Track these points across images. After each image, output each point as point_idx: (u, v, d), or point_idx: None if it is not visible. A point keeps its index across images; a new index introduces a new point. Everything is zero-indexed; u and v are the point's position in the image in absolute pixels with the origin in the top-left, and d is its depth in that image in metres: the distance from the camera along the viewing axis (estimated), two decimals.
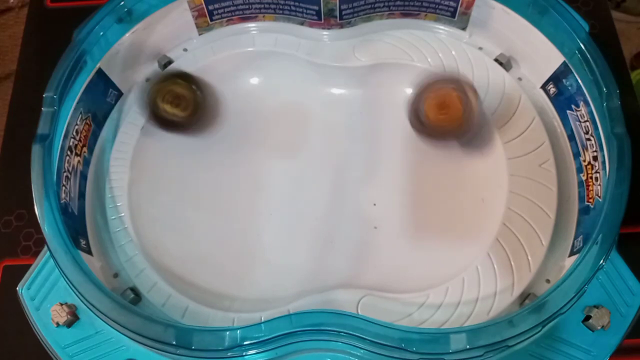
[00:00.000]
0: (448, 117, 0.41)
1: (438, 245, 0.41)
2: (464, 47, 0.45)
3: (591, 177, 0.38)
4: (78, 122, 0.41)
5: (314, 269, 0.41)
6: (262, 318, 0.36)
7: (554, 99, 0.43)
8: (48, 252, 0.35)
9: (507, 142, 0.42)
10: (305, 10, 0.46)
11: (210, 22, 0.48)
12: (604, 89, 0.37)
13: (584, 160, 0.39)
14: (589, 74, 0.38)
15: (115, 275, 0.39)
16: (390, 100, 0.47)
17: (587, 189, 0.39)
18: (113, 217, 0.41)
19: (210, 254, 0.41)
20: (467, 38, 0.47)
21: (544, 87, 0.44)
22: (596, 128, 0.38)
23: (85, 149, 0.42)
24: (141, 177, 0.43)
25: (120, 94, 0.46)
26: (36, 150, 0.36)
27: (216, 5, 0.46)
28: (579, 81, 0.39)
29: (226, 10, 0.47)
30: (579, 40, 0.39)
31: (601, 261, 0.32)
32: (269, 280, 0.41)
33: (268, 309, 0.37)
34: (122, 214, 0.41)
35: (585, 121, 0.39)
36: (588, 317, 0.35)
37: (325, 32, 0.47)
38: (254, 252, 0.42)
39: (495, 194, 0.41)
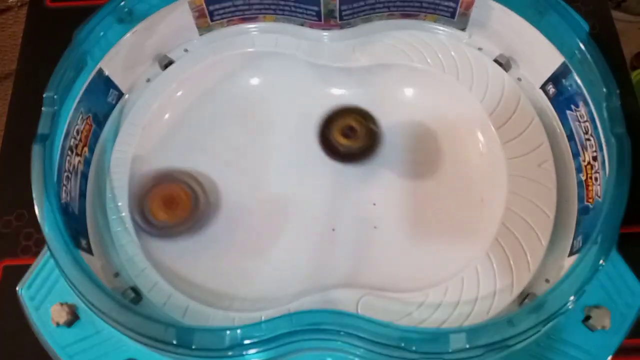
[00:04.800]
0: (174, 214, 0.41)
1: (437, 245, 0.41)
2: (463, 48, 0.46)
3: (591, 177, 0.38)
4: (79, 122, 0.41)
5: (314, 268, 0.41)
6: (263, 317, 0.36)
7: (553, 99, 0.43)
8: (48, 252, 0.35)
9: (506, 142, 0.42)
10: (305, 11, 0.46)
11: (210, 23, 0.48)
12: (604, 89, 0.37)
13: (584, 161, 0.40)
14: (589, 74, 0.38)
15: (116, 275, 0.39)
16: (389, 100, 0.47)
17: (587, 189, 0.39)
18: (114, 217, 0.41)
19: (210, 254, 0.42)
20: (467, 38, 0.47)
21: (543, 87, 0.44)
22: (596, 128, 0.38)
23: (86, 148, 0.42)
24: (142, 177, 0.43)
25: (121, 94, 0.46)
26: (36, 150, 0.36)
27: (217, 6, 0.46)
28: (579, 81, 0.39)
29: (227, 10, 0.47)
30: (578, 40, 0.39)
31: (601, 261, 0.32)
32: (269, 280, 0.41)
33: (268, 308, 0.37)
34: (123, 214, 0.41)
35: (584, 121, 0.39)
36: (588, 317, 0.35)
37: (325, 33, 0.47)
38: (254, 252, 0.42)
39: (494, 194, 0.41)
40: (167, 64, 0.47)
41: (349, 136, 0.44)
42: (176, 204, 0.41)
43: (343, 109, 0.45)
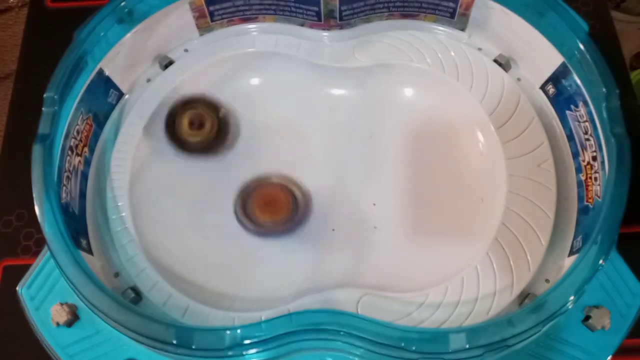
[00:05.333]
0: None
1: (437, 245, 0.41)
2: (463, 48, 0.46)
3: (590, 177, 0.38)
4: (79, 122, 0.41)
5: (314, 268, 0.41)
6: (263, 317, 0.36)
7: (553, 99, 0.43)
8: (48, 252, 0.35)
9: (506, 142, 0.42)
10: (305, 11, 0.46)
11: (211, 23, 0.48)
12: (604, 89, 0.37)
13: (583, 161, 0.40)
14: (589, 74, 0.38)
15: (116, 275, 0.39)
16: (389, 100, 0.47)
17: (587, 189, 0.39)
18: (114, 217, 0.41)
19: (211, 254, 0.42)
20: (467, 39, 0.47)
21: (543, 87, 0.44)
22: (595, 128, 0.38)
23: (86, 148, 0.42)
24: (142, 177, 0.43)
25: (121, 94, 0.46)
26: (37, 150, 0.36)
27: (217, 6, 0.46)
28: (578, 81, 0.39)
29: (227, 11, 0.47)
30: (578, 41, 0.39)
31: (601, 261, 0.32)
32: (269, 280, 0.41)
33: (268, 308, 0.37)
34: (123, 214, 0.41)
35: (584, 121, 0.39)
36: (588, 317, 0.35)
37: (325, 33, 0.47)
38: (254, 252, 0.42)
39: (494, 194, 0.41)
40: (167, 64, 0.47)
41: (197, 127, 0.44)
42: (276, 205, 0.42)
43: (186, 100, 0.44)
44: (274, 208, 0.42)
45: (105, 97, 0.44)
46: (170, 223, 0.42)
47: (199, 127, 0.44)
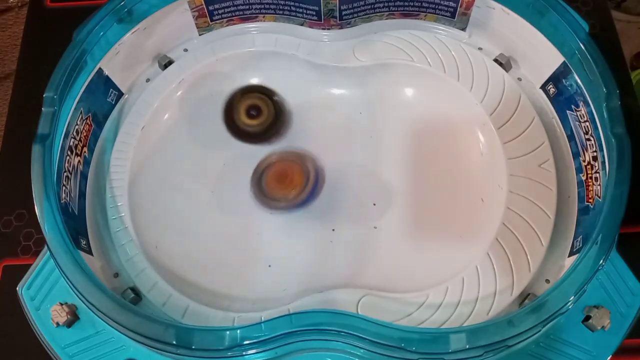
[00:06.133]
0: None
1: (438, 245, 0.41)
2: (463, 48, 0.46)
3: (591, 177, 0.38)
4: (78, 122, 0.41)
5: (314, 268, 0.41)
6: (262, 318, 0.36)
7: (553, 99, 0.43)
8: (48, 252, 0.35)
9: (506, 142, 0.42)
10: (305, 11, 0.46)
11: (210, 23, 0.48)
12: (604, 89, 0.37)
13: (584, 161, 0.40)
14: (589, 74, 0.38)
15: (116, 275, 0.39)
16: (390, 100, 0.47)
17: (587, 189, 0.39)
18: (113, 217, 0.41)
19: (210, 254, 0.42)
20: (467, 38, 0.47)
21: (543, 87, 0.44)
22: (596, 128, 0.38)
23: (85, 149, 0.42)
24: (141, 177, 0.43)
25: (120, 94, 0.46)
26: (36, 150, 0.36)
27: (216, 6, 0.46)
28: (579, 81, 0.39)
29: (226, 10, 0.47)
30: (578, 40, 0.39)
31: (601, 261, 0.32)
32: (269, 280, 0.41)
33: (268, 308, 0.37)
34: (123, 214, 0.41)
35: (585, 121, 0.39)
36: (588, 317, 0.35)
37: (325, 33, 0.47)
38: (254, 252, 0.42)
39: (494, 194, 0.41)
40: (166, 63, 0.47)
41: (254, 116, 0.44)
42: (290, 181, 0.42)
43: (243, 90, 0.45)
44: (289, 182, 0.43)
45: (104, 96, 0.44)
46: (170, 223, 0.42)
47: (258, 115, 0.44)
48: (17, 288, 0.37)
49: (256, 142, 0.45)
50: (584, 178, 0.39)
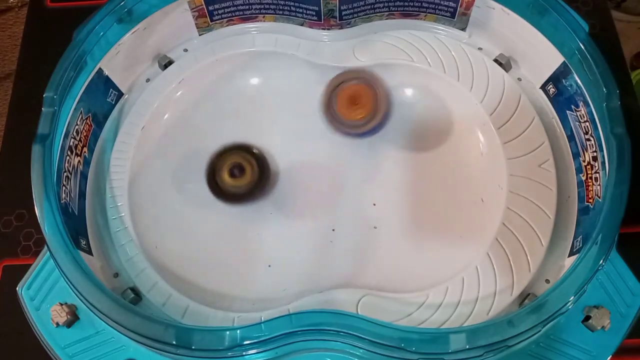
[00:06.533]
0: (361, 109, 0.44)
1: (438, 245, 0.41)
2: (463, 48, 0.46)
3: (591, 178, 0.38)
4: (78, 122, 0.41)
5: (314, 268, 0.41)
6: (262, 318, 0.36)
7: (553, 99, 0.43)
8: (48, 252, 0.35)
9: (506, 142, 0.42)
10: (305, 11, 0.46)
11: (210, 23, 0.48)
12: (604, 89, 0.37)
13: (584, 161, 0.40)
14: (589, 74, 0.38)
15: (116, 275, 0.39)
16: (390, 100, 0.47)
17: (587, 189, 0.39)
18: (113, 217, 0.41)
19: (210, 254, 0.42)
20: (467, 38, 0.47)
21: (543, 87, 0.44)
22: (596, 128, 0.38)
23: (85, 149, 0.42)
24: (141, 177, 0.43)
25: (120, 94, 0.46)
26: (36, 150, 0.36)
27: (216, 6, 0.46)
28: (579, 81, 0.39)
29: (226, 10, 0.47)
30: (578, 40, 0.39)
31: (601, 261, 0.32)
32: (269, 280, 0.41)
33: (268, 308, 0.37)
34: (123, 214, 0.41)
35: (584, 121, 0.39)
36: (588, 317, 0.35)
37: (325, 33, 0.47)
38: (254, 252, 0.42)
39: (494, 194, 0.41)
40: (166, 64, 0.47)
41: (236, 175, 0.43)
42: (360, 101, 0.43)
43: (229, 147, 0.44)
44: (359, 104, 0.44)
45: (104, 96, 0.44)
46: (170, 223, 0.42)
47: (240, 173, 0.43)
48: (17, 288, 0.37)
49: (242, 202, 0.43)
50: (583, 178, 0.39)
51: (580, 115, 0.40)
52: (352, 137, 0.44)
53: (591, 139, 0.38)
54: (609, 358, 0.34)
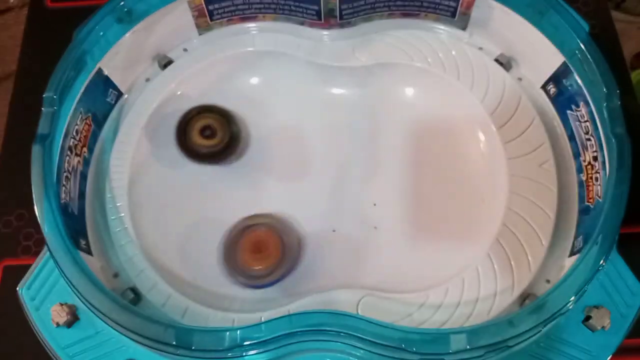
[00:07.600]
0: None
1: (438, 246, 0.41)
2: (464, 47, 0.45)
3: (591, 178, 0.38)
4: (78, 122, 0.41)
5: (314, 269, 0.41)
6: (262, 318, 0.36)
7: (554, 99, 0.43)
8: (48, 252, 0.35)
9: (507, 142, 0.42)
10: (305, 10, 0.46)
11: (210, 22, 0.48)
12: (604, 89, 0.37)
13: (584, 161, 0.39)
14: (589, 74, 0.38)
15: (115, 276, 0.39)
16: (390, 100, 0.47)
17: (587, 189, 0.39)
18: (113, 217, 0.41)
19: (210, 254, 0.41)
20: (467, 38, 0.47)
21: (544, 87, 0.44)
22: (596, 128, 0.38)
23: (85, 149, 0.42)
24: (141, 177, 0.43)
25: (120, 94, 0.46)
26: (36, 150, 0.36)
27: (216, 5, 0.46)
28: (579, 81, 0.39)
29: (226, 10, 0.47)
30: (579, 41, 0.39)
31: (601, 261, 0.32)
32: None
33: (268, 309, 0.37)
34: (122, 214, 0.41)
35: (585, 121, 0.39)
36: (588, 317, 0.35)
37: (325, 32, 0.47)
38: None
39: (495, 195, 0.41)
40: (166, 63, 0.47)
41: (208, 136, 0.44)
42: (265, 249, 0.40)
43: (200, 109, 0.45)
44: (264, 254, 0.40)
45: (104, 96, 0.44)
46: (170, 223, 0.42)
47: (211, 136, 0.44)
48: (17, 288, 0.37)
49: (210, 162, 0.44)
50: (584, 178, 0.39)
51: (580, 115, 0.40)
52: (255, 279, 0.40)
53: (591, 138, 0.38)
54: (609, 358, 0.34)
